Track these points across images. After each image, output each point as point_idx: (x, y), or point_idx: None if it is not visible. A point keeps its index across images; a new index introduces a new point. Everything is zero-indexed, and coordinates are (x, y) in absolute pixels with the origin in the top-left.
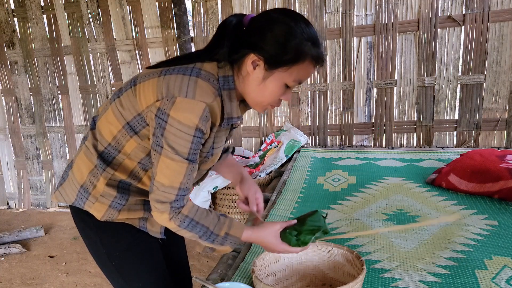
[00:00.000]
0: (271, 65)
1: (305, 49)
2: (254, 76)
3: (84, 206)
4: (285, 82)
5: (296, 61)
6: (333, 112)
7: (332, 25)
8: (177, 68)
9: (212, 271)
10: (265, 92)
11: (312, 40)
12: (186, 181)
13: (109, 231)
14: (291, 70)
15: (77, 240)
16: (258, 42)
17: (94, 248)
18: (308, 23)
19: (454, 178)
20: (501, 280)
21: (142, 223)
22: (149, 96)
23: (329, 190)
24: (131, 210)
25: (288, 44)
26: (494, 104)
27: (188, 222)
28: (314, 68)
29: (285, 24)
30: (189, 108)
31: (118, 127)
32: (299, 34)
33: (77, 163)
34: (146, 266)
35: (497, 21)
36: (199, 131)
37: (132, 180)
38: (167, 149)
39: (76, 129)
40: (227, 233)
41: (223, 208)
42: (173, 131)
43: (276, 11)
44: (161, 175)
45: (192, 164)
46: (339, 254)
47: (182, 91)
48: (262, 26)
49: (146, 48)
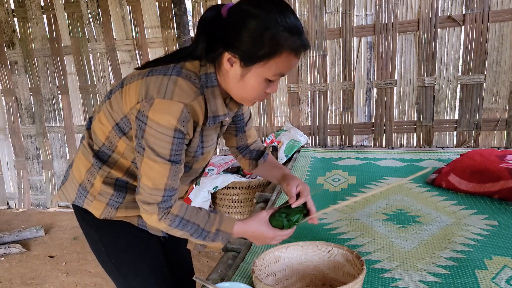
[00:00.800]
0: (247, 62)
1: (281, 40)
2: (232, 73)
3: (84, 205)
4: (265, 77)
5: (273, 54)
6: (333, 112)
7: (332, 25)
8: (160, 68)
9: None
10: (247, 88)
11: (289, 29)
12: (171, 182)
13: (108, 229)
14: (269, 64)
15: (77, 240)
16: (231, 39)
17: (94, 245)
18: (284, 11)
19: (454, 178)
20: (501, 280)
21: (141, 221)
22: (132, 98)
23: (329, 190)
24: (129, 208)
25: (262, 38)
26: (494, 104)
27: (178, 221)
28: (297, 58)
29: (256, 17)
30: (166, 109)
31: (108, 128)
32: (273, 25)
33: (76, 162)
34: (146, 264)
35: (497, 21)
36: (178, 132)
37: (128, 178)
38: (148, 151)
39: (76, 129)
40: (218, 229)
41: (223, 208)
42: (153, 133)
43: (248, 3)
44: (145, 177)
45: (175, 165)
46: (339, 254)
47: (160, 92)
48: (233, 22)
49: (146, 48)
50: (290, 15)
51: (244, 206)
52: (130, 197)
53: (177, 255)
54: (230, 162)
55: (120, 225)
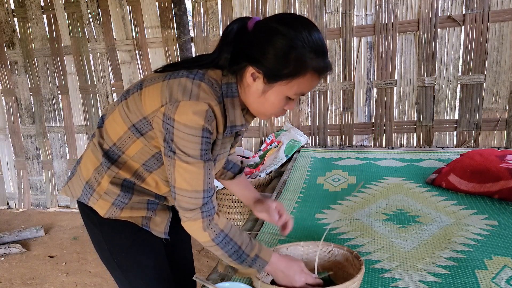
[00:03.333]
0: (271, 79)
1: (307, 61)
2: (254, 88)
3: (89, 202)
4: (286, 95)
5: (297, 74)
6: (333, 112)
7: (332, 25)
8: (183, 72)
9: (212, 271)
10: (266, 104)
11: (315, 50)
12: (207, 181)
13: (111, 228)
14: (292, 83)
15: (77, 240)
16: (256, 55)
17: (97, 243)
18: (312, 30)
19: (454, 178)
20: (501, 280)
21: (145, 222)
22: (154, 101)
23: (329, 190)
24: (134, 208)
25: (288, 57)
26: (494, 104)
27: (222, 237)
28: (319, 79)
29: (285, 36)
30: (193, 110)
31: (124, 128)
32: (299, 46)
33: (84, 159)
34: (148, 265)
35: (497, 21)
36: (206, 131)
37: (136, 180)
38: (180, 154)
39: (76, 129)
40: (257, 255)
41: (223, 208)
42: (181, 135)
43: (276, 20)
44: (181, 181)
45: (208, 163)
46: (339, 254)
47: (186, 94)
48: (261, 38)
49: (146, 48)
50: (317, 36)
51: (244, 206)
52: (136, 198)
53: (180, 256)
54: None
55: (124, 225)
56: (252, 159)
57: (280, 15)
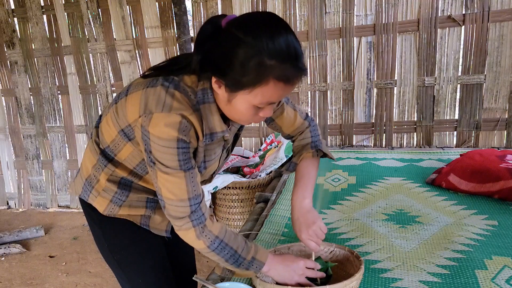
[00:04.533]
0: (232, 88)
1: (267, 69)
2: (221, 95)
3: (89, 199)
4: (252, 104)
5: (258, 83)
6: (333, 112)
7: (332, 25)
8: (160, 80)
9: (212, 271)
10: (234, 111)
11: (279, 56)
12: (191, 189)
13: (111, 226)
14: (255, 92)
15: (77, 240)
16: (217, 62)
17: (98, 240)
18: (276, 35)
19: (454, 178)
20: (501, 280)
21: (144, 221)
22: (134, 111)
23: (329, 190)
24: (132, 206)
25: (247, 66)
26: (494, 104)
27: (218, 243)
28: (289, 85)
29: (244, 44)
30: (165, 122)
31: (115, 132)
32: (258, 53)
33: (84, 157)
34: (147, 264)
35: (497, 21)
36: (181, 142)
37: (133, 178)
38: (159, 165)
39: (76, 129)
40: (253, 257)
41: (223, 208)
42: (157, 147)
43: (239, 25)
44: (165, 191)
45: (189, 172)
46: (341, 254)
47: (158, 106)
48: (222, 45)
49: (146, 48)
50: (282, 41)
51: (244, 206)
52: (134, 196)
53: (181, 255)
54: (230, 162)
55: (123, 223)
56: (252, 159)
57: (246, 18)
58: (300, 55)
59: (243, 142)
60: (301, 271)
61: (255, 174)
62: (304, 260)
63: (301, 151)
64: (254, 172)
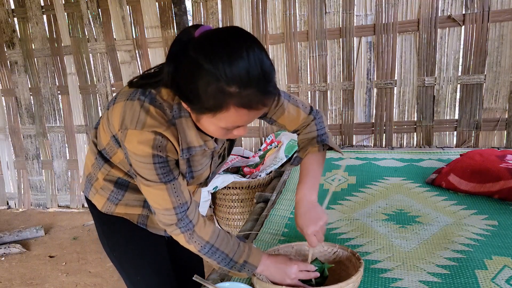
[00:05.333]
0: (195, 111)
1: (226, 96)
2: (191, 113)
3: (89, 196)
4: (219, 126)
5: (218, 109)
6: (333, 112)
7: (332, 25)
8: (138, 92)
9: (212, 271)
10: (206, 130)
11: (239, 82)
12: (175, 199)
13: (110, 223)
14: (218, 117)
15: (77, 240)
16: (179, 86)
17: (100, 237)
18: (234, 59)
19: (454, 178)
20: (501, 280)
21: (142, 220)
22: (115, 123)
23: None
24: (128, 205)
25: (205, 92)
26: (494, 104)
27: (208, 248)
28: (253, 111)
29: (202, 69)
30: (138, 139)
31: (108, 137)
32: (216, 80)
33: (86, 155)
34: (146, 261)
35: (497, 21)
36: (157, 157)
37: (129, 179)
38: (140, 178)
39: (76, 129)
40: (245, 261)
41: (223, 208)
42: (134, 162)
43: (199, 48)
44: (150, 201)
45: (171, 183)
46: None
47: (133, 122)
48: (182, 69)
49: (146, 48)
50: (242, 64)
51: (244, 206)
52: (130, 195)
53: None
54: (230, 162)
55: (121, 221)
56: (252, 159)
57: (208, 38)
58: (267, 76)
59: (243, 142)
60: (294, 275)
61: (255, 174)
62: (297, 264)
63: (307, 145)
64: (254, 172)
